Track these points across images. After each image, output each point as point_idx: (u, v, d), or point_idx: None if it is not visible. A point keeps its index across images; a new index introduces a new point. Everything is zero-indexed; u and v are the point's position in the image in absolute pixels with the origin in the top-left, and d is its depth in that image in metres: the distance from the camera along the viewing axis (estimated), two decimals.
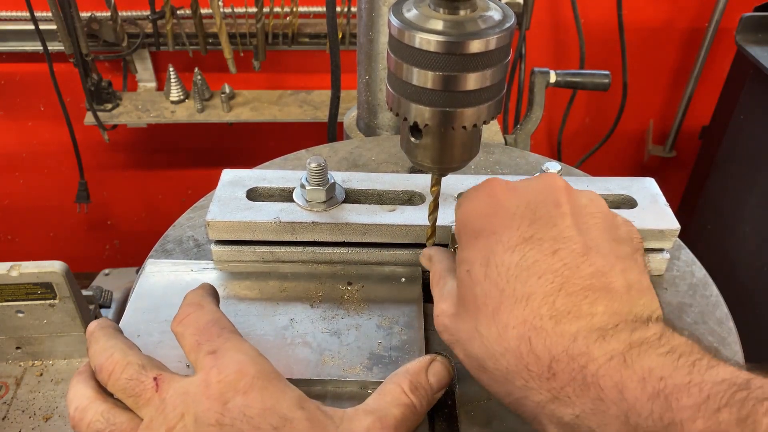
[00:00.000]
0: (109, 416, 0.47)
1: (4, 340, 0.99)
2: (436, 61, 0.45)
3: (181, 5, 1.59)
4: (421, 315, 0.61)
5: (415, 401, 0.49)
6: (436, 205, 0.60)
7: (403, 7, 0.47)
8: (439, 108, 0.47)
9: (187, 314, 0.51)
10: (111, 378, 0.48)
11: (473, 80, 0.46)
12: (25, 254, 2.20)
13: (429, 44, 0.44)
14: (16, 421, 0.96)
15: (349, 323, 0.60)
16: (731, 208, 1.51)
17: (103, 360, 0.49)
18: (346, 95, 1.66)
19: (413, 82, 0.47)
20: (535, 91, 1.01)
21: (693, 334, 0.43)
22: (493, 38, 0.45)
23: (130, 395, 0.47)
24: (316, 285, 0.64)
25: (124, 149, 2.01)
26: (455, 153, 0.53)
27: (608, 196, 0.69)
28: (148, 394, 0.47)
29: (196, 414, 0.44)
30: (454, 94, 0.47)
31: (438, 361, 0.52)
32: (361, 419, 0.47)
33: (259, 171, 0.71)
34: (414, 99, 0.48)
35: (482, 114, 0.49)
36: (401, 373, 0.51)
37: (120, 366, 0.48)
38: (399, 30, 0.46)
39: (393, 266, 0.66)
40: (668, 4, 1.79)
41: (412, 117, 0.49)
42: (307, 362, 0.56)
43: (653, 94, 1.98)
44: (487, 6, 0.47)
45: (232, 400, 0.44)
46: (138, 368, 0.48)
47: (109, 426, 0.47)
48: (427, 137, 0.52)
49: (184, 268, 0.66)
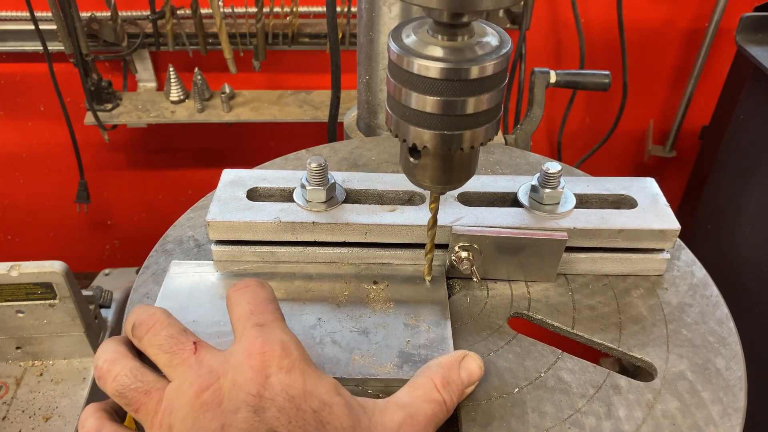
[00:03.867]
0: (137, 373, 0.47)
1: (4, 340, 0.99)
2: (434, 86, 0.46)
3: (181, 5, 1.59)
4: (447, 313, 0.61)
5: (446, 397, 0.49)
6: (434, 221, 0.60)
7: (403, 32, 0.48)
8: (437, 131, 0.48)
9: (247, 285, 0.51)
10: (149, 333, 0.48)
11: (471, 104, 0.47)
12: (25, 254, 2.21)
13: (428, 70, 0.45)
14: (16, 421, 0.96)
15: (376, 322, 0.60)
16: (731, 208, 1.51)
17: (145, 317, 0.49)
18: (346, 95, 1.66)
19: (412, 106, 0.48)
20: (535, 91, 1.01)
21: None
22: (490, 64, 0.45)
23: (166, 351, 0.47)
24: (341, 285, 0.64)
25: (124, 149, 2.01)
26: (453, 173, 0.54)
27: (608, 196, 0.69)
28: (184, 354, 0.47)
29: (235, 380, 0.44)
30: (453, 118, 0.47)
31: (470, 356, 0.53)
32: (393, 413, 0.47)
33: (260, 171, 0.71)
34: (413, 122, 0.49)
35: (480, 136, 0.50)
36: (434, 367, 0.51)
37: (161, 323, 0.49)
38: (398, 56, 0.46)
39: (417, 265, 0.66)
40: (668, 4, 1.79)
41: (410, 139, 0.50)
42: (338, 361, 0.56)
43: (653, 94, 1.98)
44: (485, 31, 0.48)
45: (275, 375, 0.44)
46: (179, 330, 0.49)
47: (135, 382, 0.47)
48: (425, 158, 0.53)
49: (208, 268, 0.66)
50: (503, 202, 0.69)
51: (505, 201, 0.69)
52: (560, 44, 1.86)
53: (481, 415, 0.53)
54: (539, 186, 0.65)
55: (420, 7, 0.44)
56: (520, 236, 0.62)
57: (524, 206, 0.66)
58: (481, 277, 0.65)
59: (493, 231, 0.62)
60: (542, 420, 0.53)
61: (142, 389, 0.46)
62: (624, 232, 0.64)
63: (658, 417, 0.53)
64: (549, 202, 0.65)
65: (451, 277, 0.66)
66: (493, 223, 0.64)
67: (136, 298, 0.64)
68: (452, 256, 0.63)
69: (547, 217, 0.65)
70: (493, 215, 0.65)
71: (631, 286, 0.66)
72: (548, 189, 0.65)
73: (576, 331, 0.61)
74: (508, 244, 0.63)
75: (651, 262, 0.66)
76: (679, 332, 0.61)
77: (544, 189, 0.65)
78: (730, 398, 0.55)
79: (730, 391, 0.55)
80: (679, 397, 0.55)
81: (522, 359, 0.58)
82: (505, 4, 0.43)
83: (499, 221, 0.64)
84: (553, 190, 0.65)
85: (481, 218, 0.64)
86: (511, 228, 0.63)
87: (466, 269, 0.63)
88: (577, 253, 0.66)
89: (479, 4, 0.42)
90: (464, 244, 0.63)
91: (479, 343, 0.60)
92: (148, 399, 0.46)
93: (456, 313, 0.63)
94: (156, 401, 0.46)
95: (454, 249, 0.63)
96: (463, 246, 0.63)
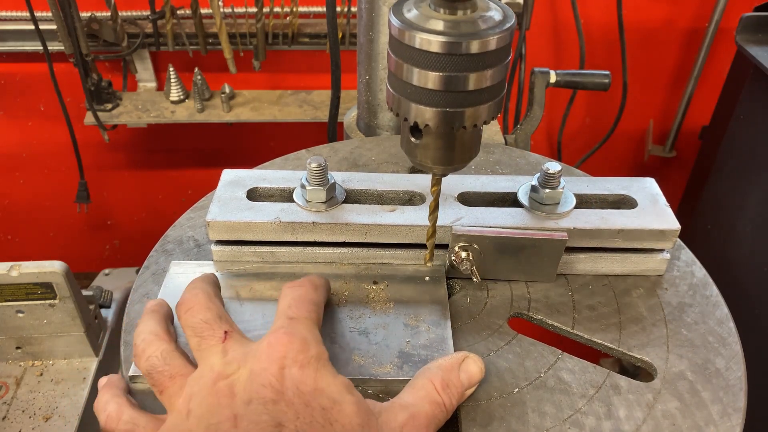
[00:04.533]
0: (167, 356, 0.50)
1: (4, 340, 0.99)
2: (436, 62, 0.45)
3: (181, 5, 1.58)
4: (447, 313, 0.61)
5: (445, 400, 0.50)
6: (436, 204, 0.60)
7: (404, 7, 0.47)
8: (439, 108, 0.47)
9: (301, 284, 0.54)
10: (187, 314, 0.51)
11: (473, 80, 0.46)
12: (25, 254, 2.21)
13: (429, 44, 0.44)
14: (16, 421, 0.96)
15: (376, 322, 0.60)
16: (731, 208, 1.51)
17: (189, 296, 0.53)
18: (346, 95, 1.66)
19: (413, 83, 0.47)
20: (535, 91, 1.01)
21: None
22: (493, 38, 0.45)
23: (197, 335, 0.50)
24: (341, 284, 0.64)
25: (124, 149, 2.01)
26: (455, 153, 0.53)
27: (608, 196, 0.69)
28: (213, 341, 0.49)
29: (252, 369, 0.46)
30: (455, 95, 0.47)
31: (471, 358, 0.53)
32: (397, 413, 0.48)
33: (260, 171, 0.71)
34: (414, 99, 0.48)
35: (482, 114, 0.49)
36: (434, 369, 0.52)
37: (200, 307, 0.52)
38: (399, 30, 0.46)
39: (417, 266, 0.66)
40: (668, 4, 1.79)
41: (412, 117, 0.49)
42: (337, 361, 0.56)
43: (653, 94, 1.98)
44: (488, 6, 0.47)
45: (288, 368, 0.46)
46: (215, 316, 0.51)
47: (164, 365, 0.49)
48: (427, 137, 0.52)
49: (208, 269, 0.66)
50: (503, 202, 0.69)
51: (505, 201, 0.69)
52: (560, 44, 1.85)
53: (481, 415, 0.53)
54: (539, 186, 0.65)
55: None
56: (520, 236, 0.62)
57: (524, 206, 0.66)
58: (481, 278, 0.65)
59: (493, 231, 0.62)
60: (542, 420, 0.53)
61: (168, 373, 0.49)
62: (624, 233, 0.64)
63: (658, 417, 0.53)
64: (549, 202, 0.65)
65: (451, 277, 0.66)
66: (493, 223, 0.64)
67: (136, 298, 0.64)
68: (452, 256, 0.63)
69: (547, 218, 0.65)
70: (493, 215, 0.65)
71: (631, 286, 0.66)
72: (548, 189, 0.65)
73: (576, 331, 0.61)
74: (508, 244, 0.63)
75: (651, 262, 0.66)
76: (679, 332, 0.61)
77: (544, 189, 0.65)
78: (730, 398, 0.55)
79: (730, 391, 0.55)
80: (679, 397, 0.55)
81: (522, 359, 0.58)
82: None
83: (499, 221, 0.64)
84: (553, 191, 0.65)
85: (481, 218, 0.64)
86: (511, 228, 0.63)
87: (466, 269, 0.63)
88: (577, 254, 0.66)
89: None
90: (464, 244, 0.63)
91: (479, 344, 0.60)
92: (172, 383, 0.49)
93: (456, 313, 0.63)
94: (179, 386, 0.48)
95: (454, 249, 0.63)
96: (463, 246, 0.63)
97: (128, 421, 0.49)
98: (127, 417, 0.49)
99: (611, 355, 0.60)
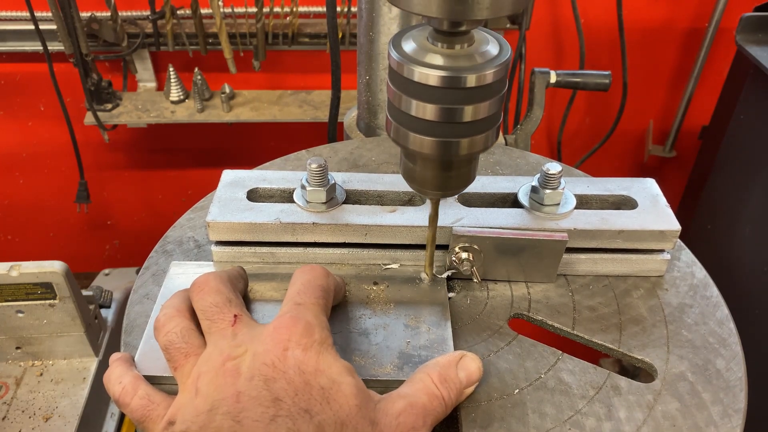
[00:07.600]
0: (185, 334, 0.51)
1: (4, 340, 0.99)
2: (434, 94, 0.46)
3: (181, 5, 1.59)
4: (447, 314, 0.61)
5: (443, 393, 0.50)
6: (434, 228, 0.60)
7: (402, 39, 0.48)
8: (436, 138, 0.48)
9: (312, 268, 0.55)
10: (199, 296, 0.53)
11: (470, 112, 0.47)
12: (25, 254, 2.21)
13: (427, 78, 0.45)
14: (16, 421, 0.96)
15: (376, 323, 0.60)
16: (731, 208, 1.51)
17: (200, 280, 0.54)
18: (346, 95, 1.66)
19: (411, 113, 0.48)
20: (535, 91, 1.01)
21: None
22: (490, 72, 0.46)
23: (207, 317, 0.51)
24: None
25: (124, 149, 2.01)
26: (452, 180, 0.54)
27: (608, 196, 0.69)
28: (222, 324, 0.51)
29: (256, 350, 0.47)
30: (452, 126, 0.48)
31: (468, 357, 0.54)
32: (395, 401, 0.49)
33: (260, 172, 0.71)
34: (412, 129, 0.49)
35: (479, 143, 0.50)
36: (431, 365, 0.53)
37: (210, 290, 0.53)
38: (398, 63, 0.47)
39: (417, 267, 0.66)
40: (668, 4, 1.79)
41: (409, 145, 0.50)
42: None
43: (653, 94, 1.98)
44: (484, 39, 0.48)
45: (291, 350, 0.47)
46: (225, 300, 0.52)
47: (181, 342, 0.51)
48: (425, 165, 0.53)
49: (208, 269, 0.66)
50: (503, 202, 0.69)
51: (506, 202, 0.69)
52: (560, 44, 1.86)
53: (482, 416, 0.53)
54: (539, 187, 0.65)
55: (420, 15, 0.44)
56: (521, 237, 0.62)
57: (524, 207, 0.66)
58: (481, 278, 0.65)
59: (494, 232, 0.62)
60: (542, 421, 0.53)
61: (184, 351, 0.50)
62: (624, 233, 0.64)
63: (658, 418, 0.53)
64: (549, 202, 0.65)
65: (451, 277, 0.66)
66: (493, 223, 0.64)
67: (136, 298, 0.64)
68: (452, 257, 0.63)
69: (547, 218, 0.65)
70: (494, 216, 0.65)
71: (632, 286, 0.66)
72: (548, 190, 0.65)
73: (576, 332, 0.61)
74: (508, 244, 0.63)
75: (651, 263, 0.66)
76: (679, 333, 0.61)
77: (544, 190, 0.65)
78: (730, 399, 0.55)
79: (731, 391, 0.55)
80: (679, 398, 0.55)
81: (522, 360, 0.58)
82: (503, 12, 0.43)
83: (499, 222, 0.64)
84: (553, 191, 0.65)
85: (482, 219, 0.64)
86: (512, 229, 0.63)
87: (467, 270, 0.63)
88: (578, 254, 0.66)
89: (478, 14, 0.42)
90: (464, 244, 0.63)
91: (479, 344, 0.60)
92: (186, 361, 0.50)
93: (456, 314, 0.63)
94: (192, 365, 0.49)
95: (454, 250, 0.63)
96: (464, 247, 0.63)
97: (144, 396, 0.50)
98: (142, 392, 0.50)
99: (611, 356, 0.60)
